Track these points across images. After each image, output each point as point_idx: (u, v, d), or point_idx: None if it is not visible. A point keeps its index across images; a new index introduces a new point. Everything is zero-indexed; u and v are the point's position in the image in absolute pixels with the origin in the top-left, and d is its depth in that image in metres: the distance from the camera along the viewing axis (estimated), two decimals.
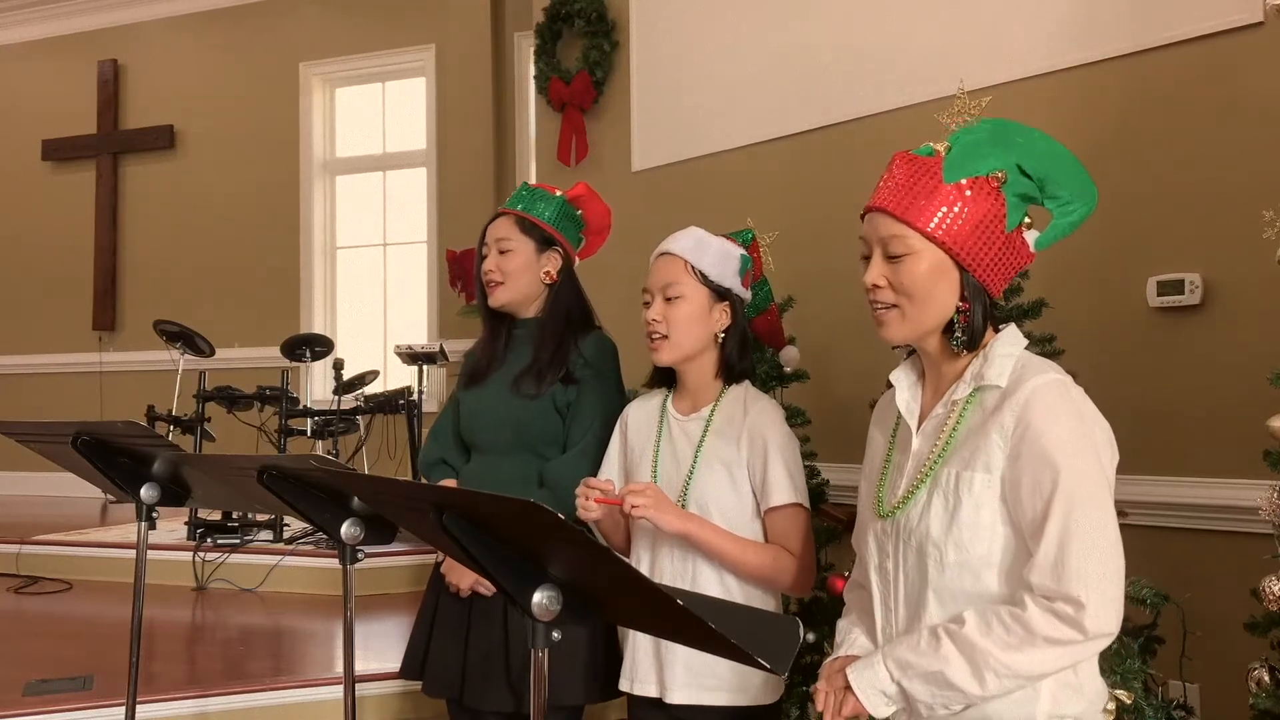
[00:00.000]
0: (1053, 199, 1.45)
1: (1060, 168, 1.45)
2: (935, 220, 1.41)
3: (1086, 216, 1.47)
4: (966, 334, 1.43)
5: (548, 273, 2.19)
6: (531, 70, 4.92)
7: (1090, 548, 1.30)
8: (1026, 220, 1.45)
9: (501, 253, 2.17)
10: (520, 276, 2.17)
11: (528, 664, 1.97)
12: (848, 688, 1.41)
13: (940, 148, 1.46)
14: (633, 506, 1.80)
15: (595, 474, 2.07)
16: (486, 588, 2.06)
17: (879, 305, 1.47)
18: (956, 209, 1.41)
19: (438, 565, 2.19)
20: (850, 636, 1.57)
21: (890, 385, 1.57)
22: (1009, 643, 1.31)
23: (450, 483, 2.21)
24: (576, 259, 2.29)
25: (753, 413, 1.92)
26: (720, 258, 1.95)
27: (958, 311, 1.43)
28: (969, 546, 1.38)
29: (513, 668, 2.02)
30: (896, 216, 1.43)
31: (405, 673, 2.19)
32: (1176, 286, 2.59)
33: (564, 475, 2.07)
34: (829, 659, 1.55)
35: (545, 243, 2.19)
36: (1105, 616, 1.29)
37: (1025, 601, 1.32)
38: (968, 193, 1.41)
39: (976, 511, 1.38)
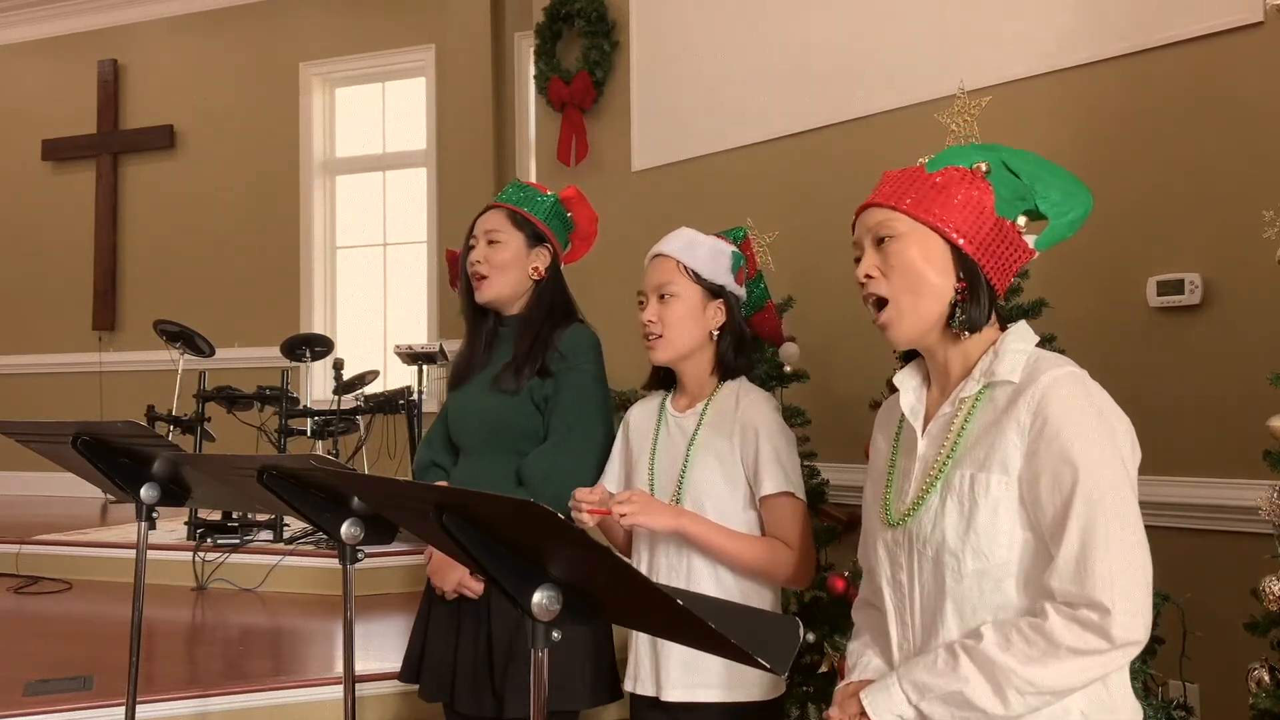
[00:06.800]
0: (1045, 200, 1.43)
1: (1047, 171, 1.45)
2: (921, 202, 1.41)
3: (1084, 217, 1.46)
4: (965, 313, 1.39)
5: (536, 269, 2.16)
6: (531, 70, 4.92)
7: (1115, 548, 1.23)
8: (1022, 222, 1.44)
9: (490, 244, 2.14)
10: (508, 270, 2.14)
11: (510, 669, 1.96)
12: (863, 714, 1.34)
13: (923, 159, 1.48)
14: (621, 515, 1.81)
15: (574, 466, 2.05)
16: (472, 590, 2.04)
17: (873, 299, 1.44)
18: (941, 192, 1.41)
19: None
20: (863, 660, 1.49)
21: (893, 389, 1.53)
22: (1031, 656, 1.24)
23: (442, 485, 2.20)
24: (562, 261, 2.25)
25: (744, 404, 1.93)
26: (711, 255, 1.96)
27: (955, 292, 1.39)
28: (988, 553, 1.31)
29: (496, 673, 2.00)
30: (884, 205, 1.43)
31: (405, 675, 2.19)
32: (1176, 286, 2.59)
33: (537, 468, 2.04)
34: (842, 684, 1.48)
35: (535, 239, 2.17)
36: (1133, 623, 1.22)
37: (1046, 610, 1.25)
38: (952, 178, 1.41)
39: (994, 515, 1.31)
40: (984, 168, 1.42)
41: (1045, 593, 1.27)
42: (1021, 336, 1.41)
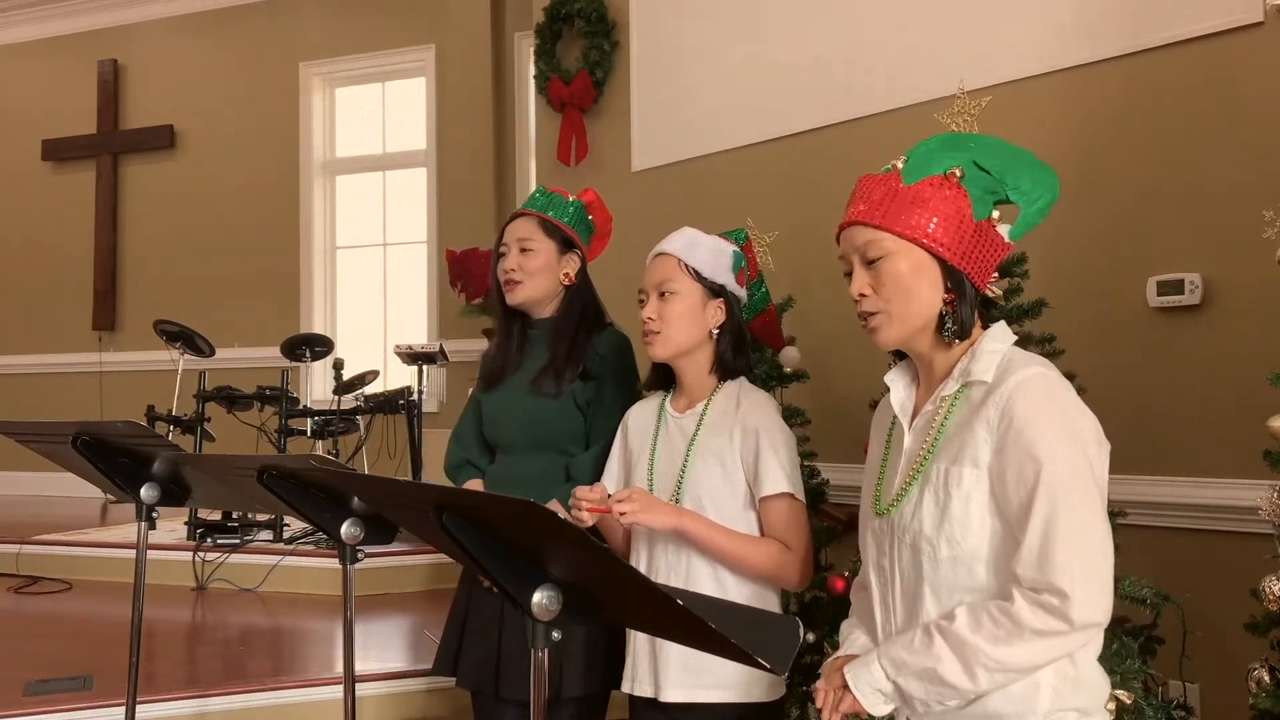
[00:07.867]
0: (1015, 190, 1.49)
1: (1016, 160, 1.50)
2: (905, 219, 1.46)
3: (1053, 203, 1.52)
4: (956, 323, 1.46)
5: (567, 274, 2.22)
6: (531, 70, 4.92)
7: (1075, 537, 1.31)
8: (996, 215, 1.49)
9: (523, 251, 2.19)
10: (541, 276, 2.19)
11: (557, 653, 1.99)
12: (845, 686, 1.44)
13: (897, 163, 1.52)
14: (621, 514, 1.81)
15: None
16: None
17: (866, 314, 1.50)
18: (923, 206, 1.46)
19: None
20: (851, 636, 1.60)
21: (887, 388, 1.59)
22: (998, 636, 1.33)
23: (476, 483, 2.24)
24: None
25: (745, 405, 1.93)
26: (712, 254, 1.98)
27: (945, 304, 1.46)
28: (960, 541, 1.40)
29: (550, 658, 2.04)
30: (868, 224, 1.48)
31: (438, 669, 2.22)
32: (1176, 286, 2.59)
33: (589, 471, 2.11)
34: (830, 658, 1.57)
35: (566, 245, 2.22)
36: (1091, 606, 1.31)
37: (1013, 595, 1.34)
38: (930, 190, 1.47)
39: (966, 506, 1.40)
40: (958, 174, 1.47)
41: (1012, 578, 1.36)
42: (997, 338, 1.49)
